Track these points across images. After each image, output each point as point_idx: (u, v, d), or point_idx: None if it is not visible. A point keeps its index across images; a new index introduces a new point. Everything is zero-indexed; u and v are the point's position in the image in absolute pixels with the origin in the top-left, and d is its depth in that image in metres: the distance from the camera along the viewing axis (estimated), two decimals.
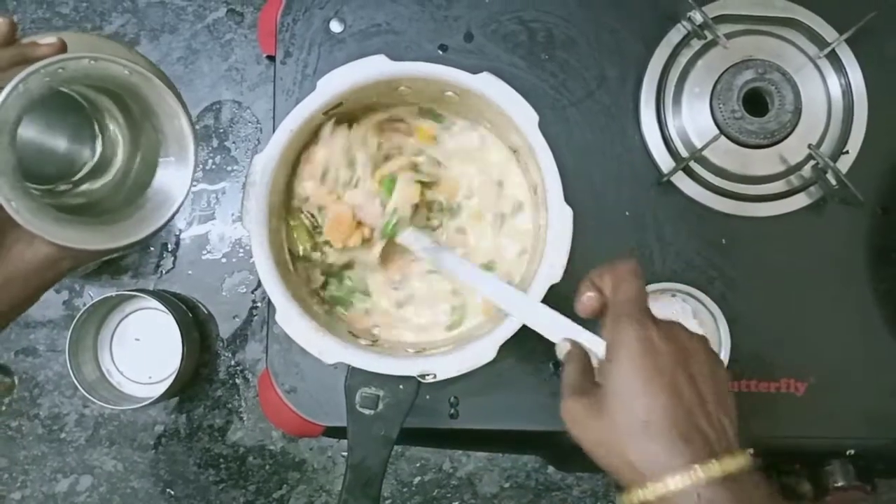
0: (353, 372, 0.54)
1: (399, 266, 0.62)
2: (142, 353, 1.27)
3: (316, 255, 0.60)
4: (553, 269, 0.54)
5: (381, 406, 0.53)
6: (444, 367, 0.53)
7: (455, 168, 0.62)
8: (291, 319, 0.54)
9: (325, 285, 0.62)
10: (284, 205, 0.60)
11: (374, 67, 0.56)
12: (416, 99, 0.60)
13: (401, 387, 0.53)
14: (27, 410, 1.28)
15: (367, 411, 0.53)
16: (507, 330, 0.53)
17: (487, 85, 0.55)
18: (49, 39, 0.49)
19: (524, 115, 0.55)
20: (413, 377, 0.53)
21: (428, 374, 0.53)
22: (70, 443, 1.29)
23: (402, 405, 0.53)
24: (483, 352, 0.53)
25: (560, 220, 0.54)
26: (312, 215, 0.60)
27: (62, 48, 0.49)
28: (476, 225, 0.62)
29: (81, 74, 0.47)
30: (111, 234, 0.50)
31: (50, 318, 1.28)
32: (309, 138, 0.59)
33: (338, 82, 0.55)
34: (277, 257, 0.56)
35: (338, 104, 0.57)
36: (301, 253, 0.60)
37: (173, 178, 0.52)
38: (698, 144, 0.66)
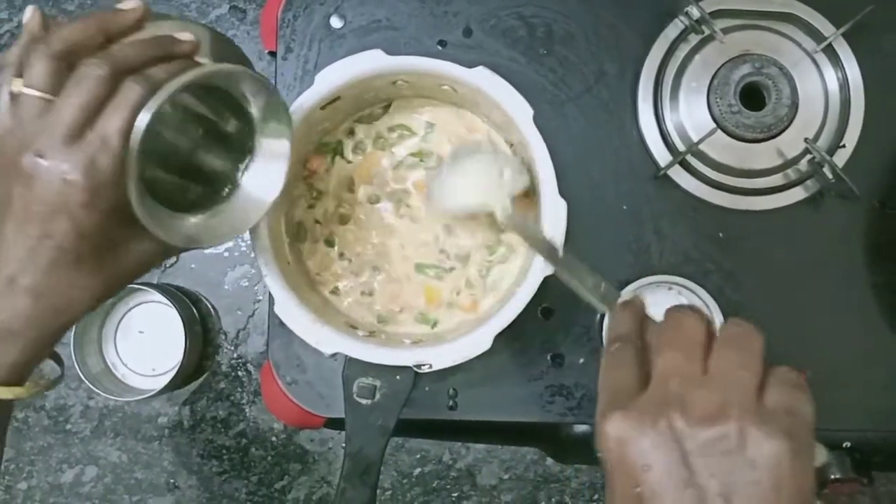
0: (350, 362, 0.54)
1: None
2: (146, 345, 1.28)
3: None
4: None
5: (378, 396, 0.54)
6: (440, 357, 0.54)
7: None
8: (290, 310, 0.54)
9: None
10: (285, 200, 0.61)
11: (371, 62, 0.56)
12: (413, 92, 0.61)
13: (397, 377, 0.54)
14: (33, 402, 1.30)
15: (364, 401, 0.54)
16: (502, 320, 0.54)
17: (482, 79, 0.56)
18: (187, 35, 0.47)
19: (519, 109, 0.56)
20: (409, 367, 0.54)
21: (424, 365, 0.54)
22: (75, 434, 1.30)
23: (399, 395, 0.54)
24: (478, 342, 0.54)
25: (554, 213, 0.55)
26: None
27: (197, 47, 0.47)
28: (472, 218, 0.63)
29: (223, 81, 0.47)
30: (216, 230, 0.50)
31: None
32: (314, 143, 0.61)
33: (335, 77, 0.56)
34: (277, 250, 0.56)
35: (335, 98, 0.57)
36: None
37: (267, 170, 0.52)
38: (695, 138, 0.66)
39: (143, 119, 0.42)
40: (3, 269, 0.42)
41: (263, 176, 0.52)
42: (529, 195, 0.59)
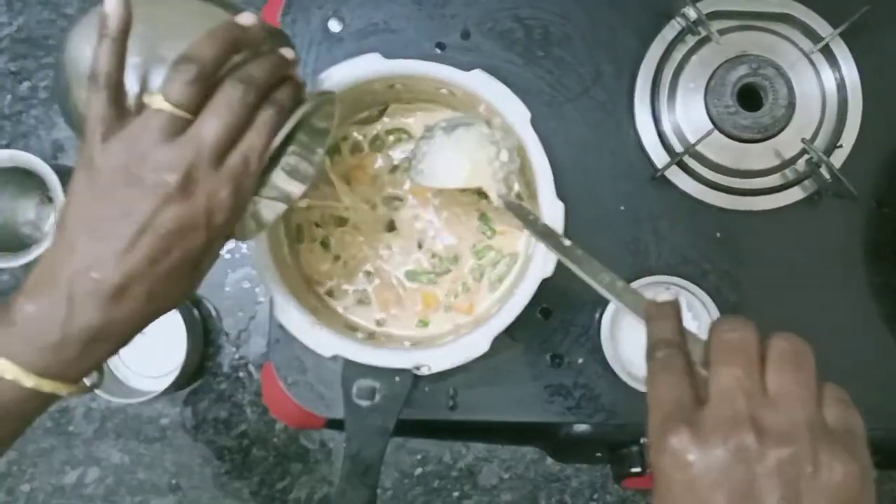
0: (349, 364, 0.55)
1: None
2: (147, 347, 1.28)
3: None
4: (545, 263, 0.55)
5: (377, 397, 0.54)
6: (439, 359, 0.54)
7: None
8: (289, 312, 0.55)
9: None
10: None
11: (369, 66, 0.56)
12: (412, 96, 0.61)
13: (396, 379, 0.54)
14: None
15: (363, 403, 0.54)
16: (500, 322, 0.54)
17: (479, 82, 0.56)
18: (291, 54, 0.47)
19: (516, 112, 0.56)
20: (408, 370, 0.54)
21: (423, 367, 0.54)
22: (78, 435, 1.31)
23: (397, 397, 0.54)
24: (477, 344, 0.54)
25: (551, 215, 0.55)
26: None
27: (298, 62, 0.48)
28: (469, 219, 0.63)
29: None
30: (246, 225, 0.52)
31: None
32: None
33: (332, 80, 0.56)
34: (276, 252, 0.57)
35: None
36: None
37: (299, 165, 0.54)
38: (692, 139, 0.67)
39: (275, 143, 0.44)
40: (113, 277, 0.41)
41: (292, 177, 0.53)
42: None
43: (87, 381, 0.45)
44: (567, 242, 0.51)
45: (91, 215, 0.41)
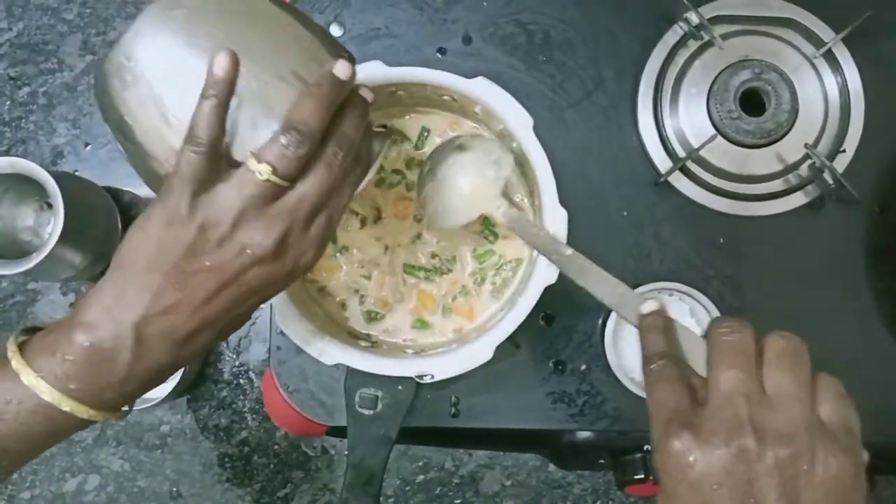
0: (351, 373, 0.54)
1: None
2: None
3: None
4: (548, 270, 0.54)
5: (380, 406, 0.54)
6: (442, 367, 0.54)
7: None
8: (290, 321, 0.55)
9: None
10: None
11: (371, 73, 0.56)
12: (413, 102, 0.61)
13: (399, 387, 0.54)
14: None
15: (366, 411, 0.54)
16: (503, 331, 0.54)
17: (482, 89, 0.56)
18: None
19: (519, 119, 0.56)
20: (411, 378, 0.54)
21: (426, 375, 0.54)
22: (78, 443, 1.30)
23: (400, 405, 0.54)
24: (480, 352, 0.54)
25: (554, 222, 0.55)
26: None
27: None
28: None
29: None
30: None
31: (57, 320, 1.28)
32: None
33: None
34: None
35: None
36: None
37: None
38: (695, 144, 0.66)
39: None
40: (189, 324, 0.42)
41: None
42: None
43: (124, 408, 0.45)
44: (569, 252, 0.52)
45: (172, 265, 0.41)
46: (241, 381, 1.30)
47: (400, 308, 0.61)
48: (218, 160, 0.41)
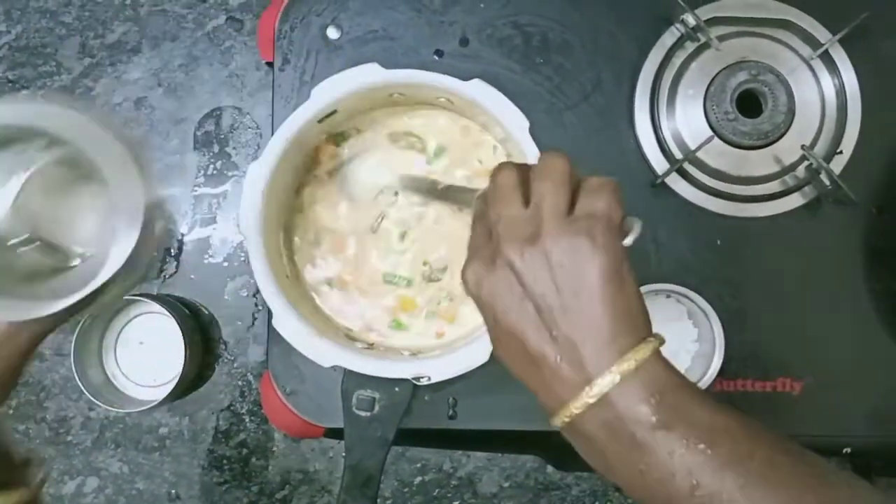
0: (348, 375, 0.54)
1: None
2: (146, 356, 1.28)
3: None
4: None
5: (377, 408, 0.54)
6: (439, 369, 0.54)
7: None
8: (288, 323, 0.55)
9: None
10: (284, 210, 0.61)
11: (367, 75, 0.56)
12: (410, 104, 0.61)
13: (396, 389, 0.54)
14: (34, 414, 1.29)
15: (363, 413, 0.54)
16: None
17: (478, 91, 0.56)
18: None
19: (515, 121, 0.56)
20: (408, 380, 0.54)
21: (423, 377, 0.54)
22: (76, 445, 1.30)
23: (397, 407, 0.54)
24: (477, 354, 0.54)
25: None
26: None
27: None
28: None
29: None
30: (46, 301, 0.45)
31: None
32: (315, 150, 0.61)
33: (331, 91, 0.56)
34: (274, 262, 0.57)
35: (332, 112, 0.57)
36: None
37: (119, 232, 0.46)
38: (692, 146, 0.66)
39: None
40: None
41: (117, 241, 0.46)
42: None
43: None
44: (443, 184, 0.57)
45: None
46: (240, 383, 1.30)
47: (378, 306, 0.62)
48: None
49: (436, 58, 0.68)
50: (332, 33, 0.68)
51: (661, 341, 0.40)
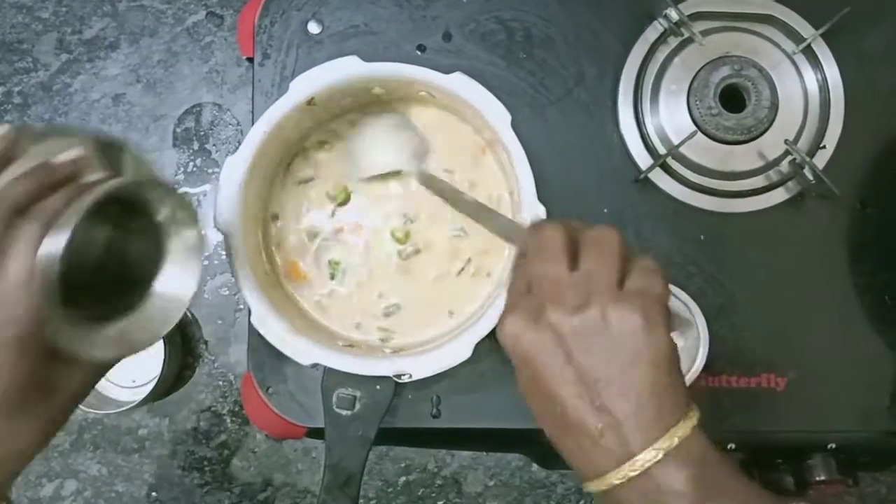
0: (329, 373, 0.54)
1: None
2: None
3: None
4: None
5: (358, 406, 0.53)
6: (420, 366, 0.53)
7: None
8: (266, 320, 0.54)
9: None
10: (264, 206, 0.60)
11: (347, 69, 0.56)
12: (391, 99, 0.60)
13: (377, 387, 0.53)
14: None
15: (344, 412, 0.53)
16: (482, 328, 0.53)
17: (459, 85, 0.56)
18: (68, 156, 0.43)
19: (497, 115, 0.55)
20: (389, 377, 0.53)
21: (404, 374, 0.53)
22: (55, 447, 1.28)
23: (379, 405, 0.53)
24: (459, 351, 0.53)
25: (532, 218, 0.54)
26: None
27: (85, 162, 0.44)
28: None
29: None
30: (134, 335, 0.47)
31: None
32: (297, 145, 0.60)
33: (310, 84, 0.55)
34: (253, 259, 0.56)
35: (310, 100, 0.57)
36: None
37: (181, 267, 0.48)
38: (676, 141, 0.66)
39: (49, 252, 0.39)
40: None
41: (178, 276, 0.48)
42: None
43: None
44: (469, 198, 0.56)
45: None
46: (221, 382, 1.29)
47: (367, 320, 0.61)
48: None
49: (418, 53, 0.68)
50: (313, 28, 0.68)
51: (699, 416, 0.41)
